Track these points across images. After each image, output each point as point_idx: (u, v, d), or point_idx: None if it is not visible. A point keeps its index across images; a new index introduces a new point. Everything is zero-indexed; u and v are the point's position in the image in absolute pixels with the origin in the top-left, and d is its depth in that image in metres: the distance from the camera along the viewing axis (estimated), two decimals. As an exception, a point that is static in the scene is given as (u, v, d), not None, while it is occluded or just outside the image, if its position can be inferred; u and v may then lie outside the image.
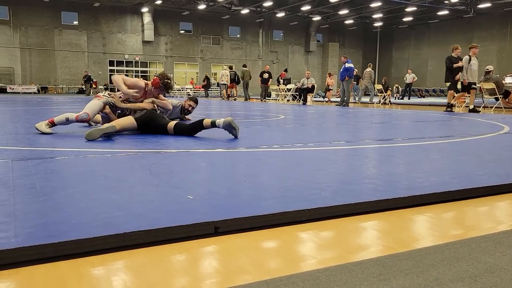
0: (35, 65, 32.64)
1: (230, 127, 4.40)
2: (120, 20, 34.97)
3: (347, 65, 14.97)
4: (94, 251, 1.44)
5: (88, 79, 28.40)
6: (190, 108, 6.37)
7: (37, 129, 4.67)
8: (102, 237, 1.47)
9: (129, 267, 1.35)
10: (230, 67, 22.69)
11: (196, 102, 6.48)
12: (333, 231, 1.71)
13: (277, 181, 2.44)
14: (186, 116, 6.43)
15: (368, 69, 19.06)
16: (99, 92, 7.06)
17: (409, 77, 23.49)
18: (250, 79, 21.82)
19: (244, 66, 22.17)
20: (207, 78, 28.28)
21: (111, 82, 34.63)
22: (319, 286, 1.20)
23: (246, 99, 21.25)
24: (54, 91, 32.84)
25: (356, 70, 18.33)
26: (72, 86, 33.30)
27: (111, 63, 35.29)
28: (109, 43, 34.82)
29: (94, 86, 32.87)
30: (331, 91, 22.05)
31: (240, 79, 22.04)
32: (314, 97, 22.72)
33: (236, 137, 4.42)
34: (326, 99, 21.57)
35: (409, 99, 24.25)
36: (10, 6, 31.26)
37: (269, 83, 20.93)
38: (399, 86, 27.37)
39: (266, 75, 20.56)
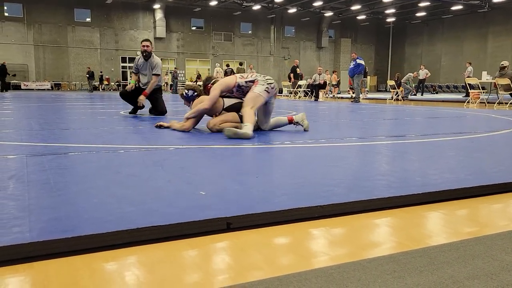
0: (49, 62, 32.97)
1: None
2: (132, 17, 35.13)
3: (358, 61, 14.84)
4: (107, 246, 1.45)
5: (91, 76, 27.57)
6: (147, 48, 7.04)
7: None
8: (114, 233, 1.48)
9: (142, 262, 1.35)
10: (227, 65, 24.34)
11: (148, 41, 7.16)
12: (346, 227, 1.70)
13: (290, 177, 2.43)
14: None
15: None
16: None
17: (422, 73, 23.27)
18: None
19: (240, 64, 23.33)
20: (199, 75, 28.80)
21: (124, 79, 35.00)
22: (332, 282, 1.19)
23: None
24: (67, 88, 33.16)
25: (366, 66, 18.23)
26: (85, 83, 33.54)
27: (124, 59, 35.49)
28: (121, 40, 35.03)
29: (106, 82, 33.11)
30: (336, 87, 21.96)
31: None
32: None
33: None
34: (331, 94, 21.49)
35: (422, 95, 24.01)
36: (24, 4, 31.59)
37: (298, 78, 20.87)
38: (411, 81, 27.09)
39: (299, 70, 20.47)
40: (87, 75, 27.93)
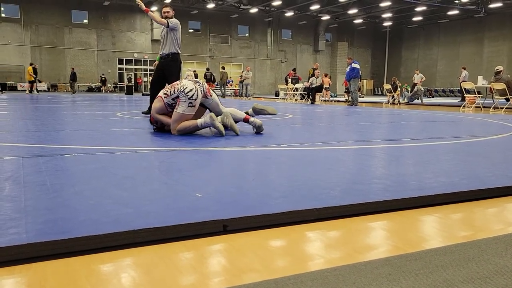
0: (45, 63, 32.91)
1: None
2: (129, 18, 35.14)
3: (353, 65, 14.95)
4: (104, 248, 1.45)
5: (73, 77, 25.99)
6: None
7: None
8: (111, 234, 1.48)
9: (138, 264, 1.35)
10: (207, 69, 27.22)
11: None
12: (342, 230, 1.71)
13: (286, 180, 2.44)
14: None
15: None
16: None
17: (417, 78, 23.34)
18: (227, 79, 26.60)
19: (223, 68, 26.94)
20: (197, 75, 30.24)
21: (120, 81, 34.92)
22: (328, 285, 1.20)
23: (223, 96, 25.67)
24: (64, 89, 33.08)
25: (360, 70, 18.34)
26: (82, 84, 33.50)
27: (120, 61, 35.50)
28: (118, 42, 35.02)
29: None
30: (328, 91, 21.99)
31: (218, 79, 27.39)
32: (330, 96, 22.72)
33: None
34: (324, 98, 21.48)
35: (418, 99, 24.07)
36: (21, 5, 31.56)
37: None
38: (407, 86, 27.21)
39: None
40: (71, 76, 26.26)
